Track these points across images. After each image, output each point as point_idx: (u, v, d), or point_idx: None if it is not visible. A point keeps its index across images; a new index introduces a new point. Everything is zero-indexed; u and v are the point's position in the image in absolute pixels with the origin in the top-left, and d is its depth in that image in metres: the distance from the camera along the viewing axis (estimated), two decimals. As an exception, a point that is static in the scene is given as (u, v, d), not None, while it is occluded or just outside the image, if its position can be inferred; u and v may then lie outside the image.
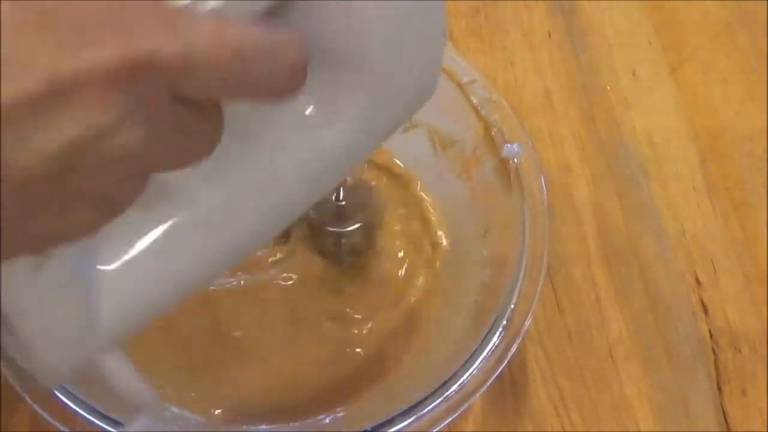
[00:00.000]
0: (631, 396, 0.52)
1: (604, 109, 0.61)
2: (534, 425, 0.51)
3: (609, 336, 0.54)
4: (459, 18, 0.64)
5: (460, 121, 0.52)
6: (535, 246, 0.47)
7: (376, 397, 0.48)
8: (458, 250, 0.53)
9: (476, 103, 0.51)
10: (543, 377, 0.52)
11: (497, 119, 0.50)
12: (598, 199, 0.58)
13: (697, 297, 0.55)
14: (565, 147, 0.60)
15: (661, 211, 0.58)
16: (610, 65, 0.63)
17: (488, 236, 0.51)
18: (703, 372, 0.53)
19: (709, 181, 0.59)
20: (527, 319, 0.44)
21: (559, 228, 0.56)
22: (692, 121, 0.61)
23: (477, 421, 0.51)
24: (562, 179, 0.58)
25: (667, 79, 0.63)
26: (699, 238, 0.57)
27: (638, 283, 0.55)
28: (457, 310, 0.49)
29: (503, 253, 0.48)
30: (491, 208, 0.51)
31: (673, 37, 0.65)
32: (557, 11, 0.65)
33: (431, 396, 0.42)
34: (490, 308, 0.46)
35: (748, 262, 0.56)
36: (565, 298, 0.55)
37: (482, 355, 0.43)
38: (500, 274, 0.48)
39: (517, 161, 0.49)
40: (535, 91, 0.62)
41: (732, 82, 0.63)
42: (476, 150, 0.51)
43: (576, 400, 0.52)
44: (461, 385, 0.43)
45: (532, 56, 0.63)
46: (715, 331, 0.54)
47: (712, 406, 0.52)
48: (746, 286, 0.56)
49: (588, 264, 0.56)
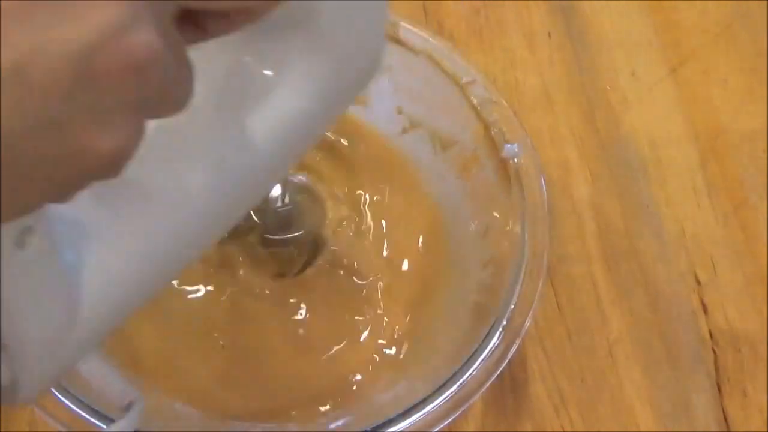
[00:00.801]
0: (631, 396, 0.52)
1: (604, 109, 0.61)
2: (534, 425, 0.51)
3: (609, 336, 0.54)
4: (459, 18, 0.64)
5: (460, 121, 0.52)
6: (535, 246, 0.47)
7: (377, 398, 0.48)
8: (458, 250, 0.53)
9: (476, 103, 0.51)
10: (543, 377, 0.52)
11: (497, 119, 0.50)
12: (598, 199, 0.58)
13: (697, 297, 0.55)
14: (565, 147, 0.60)
15: (661, 211, 0.58)
16: (610, 65, 0.63)
17: (488, 236, 0.51)
18: (703, 372, 0.53)
19: (709, 181, 0.59)
20: (527, 319, 0.44)
21: (559, 228, 0.56)
22: (692, 121, 0.61)
23: (477, 421, 0.51)
24: (562, 179, 0.58)
25: (667, 79, 0.63)
26: (699, 238, 0.57)
27: (638, 283, 0.55)
28: (457, 310, 0.49)
29: (503, 253, 0.48)
30: (491, 209, 0.51)
31: (673, 37, 0.65)
32: (557, 11, 0.65)
33: (431, 396, 0.42)
34: (490, 308, 0.46)
35: (748, 262, 0.56)
36: (565, 298, 0.55)
37: (482, 355, 0.43)
38: (500, 274, 0.48)
39: (517, 161, 0.49)
40: (535, 91, 0.62)
41: (732, 82, 0.63)
42: (476, 150, 0.51)
43: (576, 400, 0.52)
44: (461, 385, 0.43)
45: (532, 56, 0.63)
46: (715, 331, 0.54)
47: (712, 406, 0.52)
48: (746, 286, 0.56)
49: (588, 264, 0.56)
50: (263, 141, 0.34)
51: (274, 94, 0.34)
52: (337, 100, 0.37)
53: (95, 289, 0.31)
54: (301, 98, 0.35)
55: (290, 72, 0.35)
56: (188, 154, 0.33)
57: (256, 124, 0.34)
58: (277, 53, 0.34)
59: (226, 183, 0.34)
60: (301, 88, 0.35)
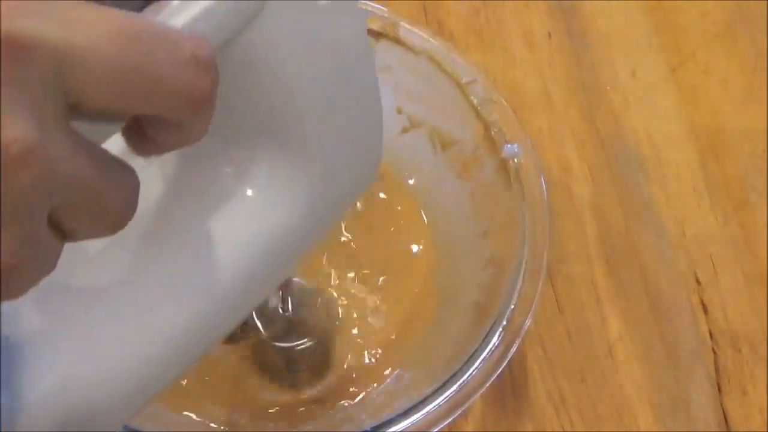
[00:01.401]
0: (631, 396, 0.52)
1: (604, 109, 0.61)
2: (534, 425, 0.51)
3: (609, 336, 0.54)
4: (459, 18, 0.64)
5: (460, 121, 0.52)
6: (535, 246, 0.47)
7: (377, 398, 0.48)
8: (458, 250, 0.53)
9: (476, 103, 0.51)
10: (543, 377, 0.52)
11: (497, 119, 0.50)
12: (598, 199, 0.58)
13: (697, 297, 0.55)
14: (565, 147, 0.60)
15: (661, 211, 0.58)
16: (610, 65, 0.63)
17: (488, 236, 0.51)
18: (703, 372, 0.53)
19: (709, 181, 0.59)
20: (527, 319, 0.44)
21: (559, 228, 0.56)
22: (692, 121, 0.61)
23: (477, 421, 0.51)
24: (562, 179, 0.58)
25: (667, 79, 0.63)
26: (699, 238, 0.57)
27: (638, 283, 0.55)
28: (457, 311, 0.49)
29: (503, 253, 0.48)
30: (491, 208, 0.51)
31: (673, 37, 0.65)
32: (557, 11, 0.65)
33: (431, 396, 0.42)
34: (490, 308, 0.46)
35: (748, 262, 0.56)
36: (565, 298, 0.55)
37: (482, 355, 0.43)
38: (500, 274, 0.48)
39: (517, 161, 0.49)
40: (535, 91, 0.62)
41: (732, 82, 0.63)
42: (476, 150, 0.51)
43: (576, 400, 0.52)
44: (461, 385, 0.43)
45: (532, 56, 0.63)
46: (715, 331, 0.54)
47: (712, 406, 0.52)
48: (746, 286, 0.56)
49: (588, 264, 0.56)
50: (238, 265, 0.31)
51: (254, 210, 0.32)
52: (326, 213, 0.34)
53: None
54: (281, 216, 0.32)
55: (272, 187, 0.32)
56: (151, 287, 0.30)
57: (233, 244, 0.31)
58: (259, 165, 0.32)
59: (197, 313, 0.31)
60: (284, 204, 0.32)
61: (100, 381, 0.28)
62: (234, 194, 0.32)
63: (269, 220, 0.32)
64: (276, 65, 0.29)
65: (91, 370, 0.28)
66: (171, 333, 0.30)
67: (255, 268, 0.32)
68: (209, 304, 0.31)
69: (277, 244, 0.32)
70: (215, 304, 0.31)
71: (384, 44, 0.53)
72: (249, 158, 0.31)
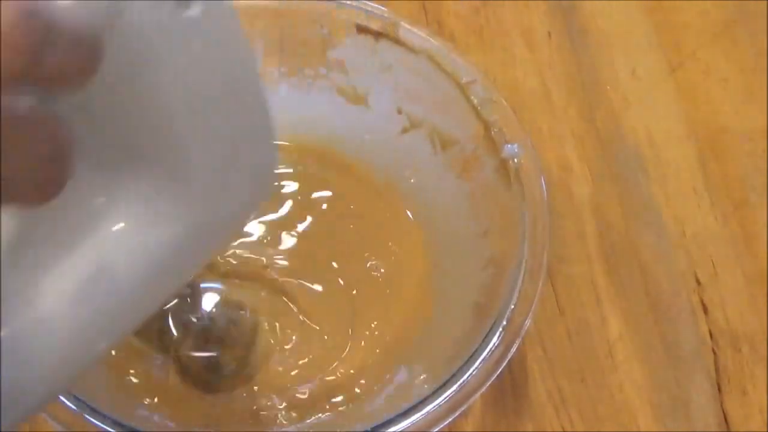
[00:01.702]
0: (631, 396, 0.52)
1: (604, 109, 0.61)
2: (534, 425, 0.51)
3: (609, 336, 0.54)
4: (459, 18, 0.64)
5: (460, 121, 0.52)
6: (535, 246, 0.47)
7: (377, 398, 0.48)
8: (458, 250, 0.53)
9: (476, 103, 0.51)
10: (543, 377, 0.52)
11: (497, 119, 0.50)
12: (598, 199, 0.58)
13: (697, 297, 0.55)
14: (565, 147, 0.60)
15: (661, 211, 0.58)
16: (610, 65, 0.63)
17: (488, 236, 0.51)
18: (703, 372, 0.53)
19: (709, 181, 0.59)
20: (527, 319, 0.44)
21: (559, 228, 0.56)
22: (692, 121, 0.61)
23: (477, 421, 0.51)
24: (562, 179, 0.58)
25: (667, 79, 0.63)
26: (699, 238, 0.57)
27: (638, 283, 0.55)
28: (457, 310, 0.49)
29: (503, 253, 0.48)
30: (491, 208, 0.51)
31: (673, 37, 0.65)
32: (557, 11, 0.65)
33: (431, 396, 0.42)
34: (490, 308, 0.46)
35: (748, 262, 0.56)
36: (565, 298, 0.55)
37: (482, 355, 0.43)
38: (500, 274, 0.48)
39: (517, 161, 0.49)
40: (535, 91, 0.62)
41: (732, 82, 0.63)
42: (476, 150, 0.51)
43: (576, 400, 0.52)
44: (461, 385, 0.43)
45: (532, 56, 0.63)
46: (715, 331, 0.54)
47: (712, 406, 0.52)
48: (746, 286, 0.56)
49: (588, 264, 0.56)
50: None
51: (131, 235, 0.30)
52: (210, 235, 0.32)
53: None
54: (159, 240, 0.30)
55: (148, 215, 0.30)
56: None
57: (109, 274, 0.30)
58: (134, 192, 0.30)
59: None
60: (162, 228, 0.30)
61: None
62: (107, 222, 0.30)
63: (148, 243, 0.30)
64: (147, 84, 0.28)
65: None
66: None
67: (132, 294, 0.30)
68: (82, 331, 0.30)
69: (155, 268, 0.31)
70: (86, 332, 0.30)
71: (384, 44, 0.53)
72: (122, 185, 0.30)
